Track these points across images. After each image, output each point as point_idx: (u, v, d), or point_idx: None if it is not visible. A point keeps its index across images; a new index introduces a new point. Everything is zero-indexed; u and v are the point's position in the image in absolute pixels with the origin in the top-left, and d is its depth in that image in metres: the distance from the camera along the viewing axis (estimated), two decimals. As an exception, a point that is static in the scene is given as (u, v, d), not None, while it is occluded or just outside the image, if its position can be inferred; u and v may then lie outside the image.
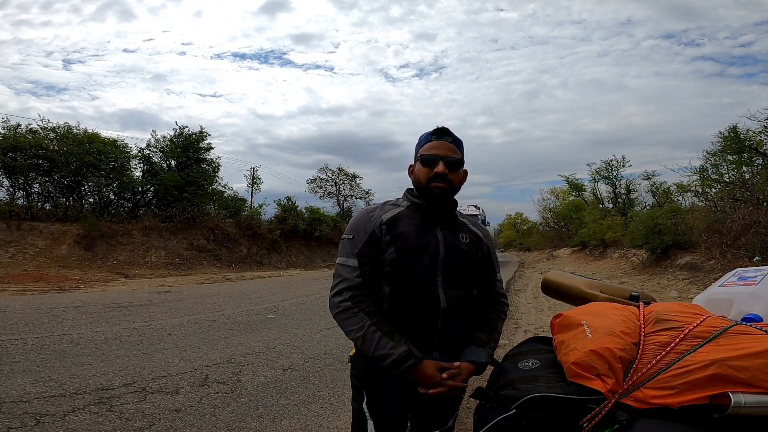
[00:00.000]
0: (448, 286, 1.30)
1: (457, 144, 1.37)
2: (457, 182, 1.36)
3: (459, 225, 1.42)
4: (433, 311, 1.28)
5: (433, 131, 1.37)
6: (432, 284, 1.29)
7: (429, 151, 1.34)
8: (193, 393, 3.30)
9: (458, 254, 1.33)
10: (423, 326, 1.28)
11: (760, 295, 1.28)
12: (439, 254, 1.30)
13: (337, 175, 32.90)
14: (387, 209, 1.38)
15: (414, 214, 1.37)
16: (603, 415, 0.88)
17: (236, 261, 18.22)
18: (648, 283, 10.75)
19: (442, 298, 1.28)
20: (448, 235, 1.35)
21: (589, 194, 27.74)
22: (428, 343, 1.28)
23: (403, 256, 1.29)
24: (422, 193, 1.36)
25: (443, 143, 1.34)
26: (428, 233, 1.33)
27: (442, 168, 1.30)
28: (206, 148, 19.31)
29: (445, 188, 1.32)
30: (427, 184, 1.32)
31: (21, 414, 2.75)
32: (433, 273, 1.29)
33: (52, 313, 6.05)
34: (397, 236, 1.31)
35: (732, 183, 12.26)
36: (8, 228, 13.15)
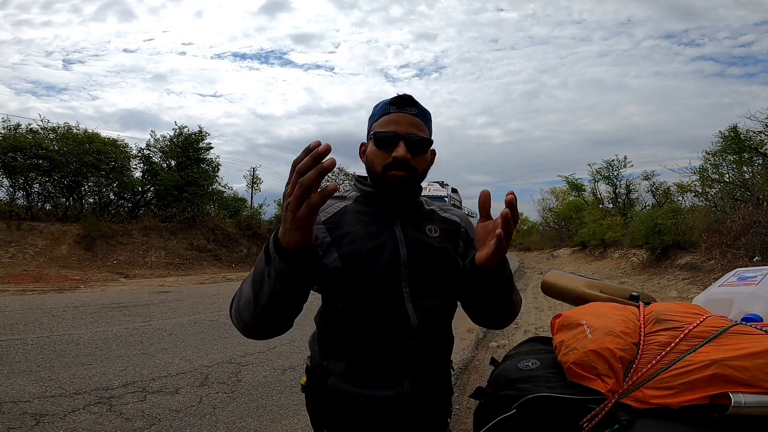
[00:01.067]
0: (419, 297, 1.00)
1: (424, 117, 1.03)
2: (423, 168, 1.03)
3: (425, 215, 1.10)
4: (401, 332, 0.98)
5: (391, 99, 1.03)
6: (395, 297, 0.98)
7: (386, 127, 1.00)
8: (193, 393, 3.30)
9: (427, 253, 1.02)
10: (389, 351, 0.99)
11: (760, 295, 1.27)
12: (399, 257, 0.99)
13: (337, 175, 32.92)
14: (329, 204, 1.05)
15: (364, 208, 1.05)
16: (603, 415, 0.88)
17: (236, 261, 18.23)
18: (648, 283, 10.75)
19: (411, 314, 0.98)
20: (410, 230, 1.04)
21: (589, 194, 27.76)
22: (397, 371, 1.00)
23: (349, 263, 0.97)
24: (376, 182, 1.04)
25: (405, 116, 1.00)
26: (383, 231, 1.02)
27: (403, 151, 0.97)
28: (206, 148, 19.33)
29: (407, 178, 0.99)
30: (383, 173, 1.00)
31: (21, 414, 2.75)
32: (395, 283, 0.99)
33: (52, 313, 6.05)
34: (341, 238, 0.99)
35: (732, 183, 12.27)
36: (8, 228, 13.16)
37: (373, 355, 1.00)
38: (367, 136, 1.07)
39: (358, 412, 1.00)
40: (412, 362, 1.00)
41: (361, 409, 1.00)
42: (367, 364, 1.00)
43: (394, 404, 1.00)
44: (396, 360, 1.00)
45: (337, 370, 1.02)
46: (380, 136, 1.00)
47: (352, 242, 0.99)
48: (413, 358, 1.00)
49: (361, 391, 1.00)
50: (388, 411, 0.99)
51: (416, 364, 1.01)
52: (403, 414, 1.01)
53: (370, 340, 1.00)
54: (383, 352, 0.99)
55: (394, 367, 1.00)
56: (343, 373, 1.01)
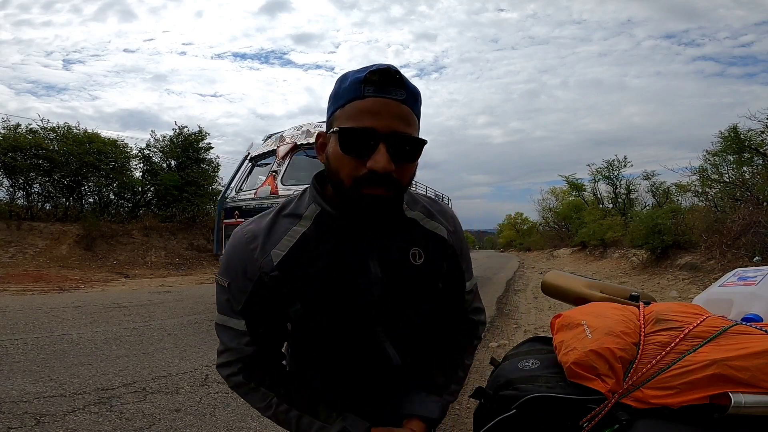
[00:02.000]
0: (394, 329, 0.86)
1: (415, 103, 0.73)
2: (407, 181, 0.76)
3: (407, 232, 0.87)
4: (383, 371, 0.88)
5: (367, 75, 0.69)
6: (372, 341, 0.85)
7: (358, 119, 0.69)
8: (193, 393, 3.30)
9: (405, 289, 0.85)
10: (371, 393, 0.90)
11: (760, 295, 1.27)
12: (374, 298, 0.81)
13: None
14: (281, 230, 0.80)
15: (325, 235, 0.80)
16: (603, 415, 0.88)
17: (236, 261, 18.21)
18: (648, 283, 10.75)
19: (392, 354, 0.86)
20: (388, 260, 0.82)
21: (589, 194, 27.76)
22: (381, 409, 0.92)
23: (313, 314, 0.80)
24: (343, 198, 0.76)
25: (388, 104, 0.69)
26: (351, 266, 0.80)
27: (385, 162, 0.68)
28: (206, 148, 19.33)
29: (389, 197, 0.73)
30: (353, 190, 0.72)
31: (21, 414, 2.75)
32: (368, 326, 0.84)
33: (52, 313, 6.05)
34: (301, 283, 0.78)
35: (732, 183, 12.27)
36: (8, 228, 13.15)
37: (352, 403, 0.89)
38: (328, 124, 0.77)
39: None
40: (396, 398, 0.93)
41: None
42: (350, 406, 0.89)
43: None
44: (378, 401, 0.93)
45: None
46: (351, 135, 0.69)
47: (318, 287, 0.79)
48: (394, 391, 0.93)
49: None
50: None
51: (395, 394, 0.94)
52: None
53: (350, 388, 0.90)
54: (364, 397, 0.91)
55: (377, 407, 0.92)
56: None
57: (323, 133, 0.79)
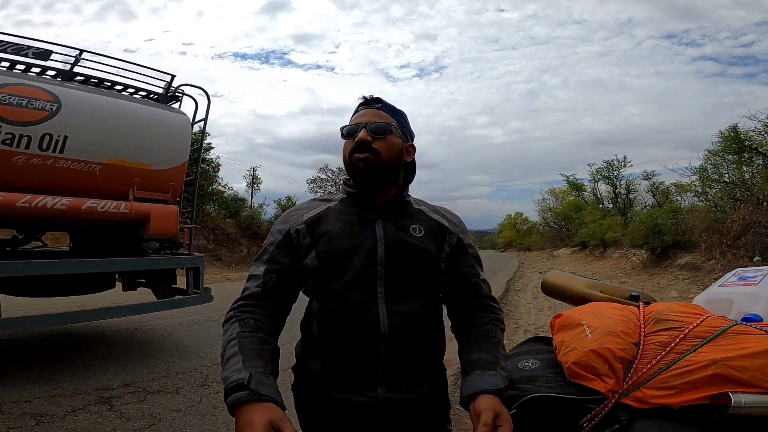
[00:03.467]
0: (394, 300, 0.97)
1: (391, 111, 1.10)
2: (387, 152, 1.03)
3: (411, 214, 1.08)
4: (371, 336, 0.95)
5: (359, 102, 1.12)
6: (369, 299, 0.97)
7: (352, 121, 1.09)
8: (193, 393, 3.30)
9: (406, 253, 1.00)
10: (360, 356, 0.97)
11: (760, 295, 1.27)
12: (376, 256, 0.98)
13: (338, 175, 32.90)
14: (314, 206, 1.09)
15: (346, 208, 1.07)
16: (603, 415, 0.88)
17: (236, 261, 18.23)
18: (648, 283, 10.75)
19: (382, 318, 0.95)
20: (392, 229, 1.02)
21: (589, 194, 27.77)
22: (370, 377, 0.96)
23: (325, 262, 0.99)
24: (348, 171, 1.07)
25: (369, 110, 1.08)
26: (362, 230, 1.02)
27: (364, 134, 1.02)
28: (206, 148, 19.34)
29: (370, 159, 1.01)
30: (349, 159, 1.04)
31: (21, 414, 2.75)
32: (369, 283, 0.97)
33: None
34: (320, 237, 1.01)
35: (732, 183, 12.27)
36: (8, 228, 13.16)
37: (345, 361, 0.98)
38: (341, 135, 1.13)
39: (339, 415, 0.98)
40: (388, 369, 0.96)
41: (340, 412, 0.98)
42: (340, 368, 0.98)
43: (370, 410, 0.96)
44: (369, 366, 0.96)
45: (314, 371, 1.03)
46: (347, 129, 1.07)
47: (330, 241, 1.00)
48: (386, 365, 0.96)
49: (338, 395, 0.98)
50: (366, 416, 0.96)
51: (390, 372, 0.96)
52: (381, 421, 0.97)
53: (341, 345, 0.98)
54: (354, 358, 0.97)
55: (368, 374, 0.97)
56: (319, 375, 1.01)
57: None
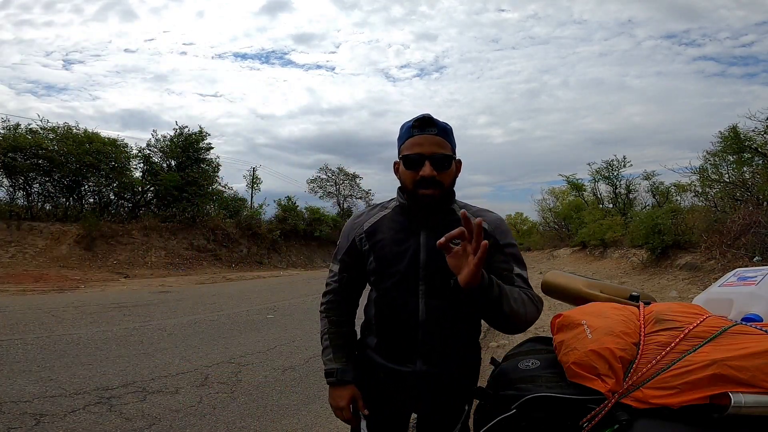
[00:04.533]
0: (431, 296, 1.18)
1: (446, 134, 1.17)
2: (449, 181, 1.19)
3: (454, 221, 1.18)
4: (411, 323, 1.20)
5: (413, 123, 1.17)
6: (412, 294, 1.20)
7: (411, 149, 1.15)
8: (193, 393, 3.30)
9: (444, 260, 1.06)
10: (403, 336, 1.22)
11: (760, 295, 1.27)
12: (419, 261, 1.19)
13: (337, 175, 32.92)
14: (372, 214, 1.30)
15: (398, 217, 1.26)
16: (603, 415, 0.88)
17: (236, 261, 18.22)
18: (648, 283, 10.75)
19: (421, 309, 1.19)
20: (433, 238, 1.11)
21: (590, 194, 27.76)
22: (410, 353, 1.22)
23: (380, 265, 1.23)
24: (410, 198, 1.21)
25: (427, 138, 1.14)
26: (409, 238, 1.21)
27: (429, 170, 1.12)
28: (206, 148, 19.32)
29: (435, 195, 1.15)
30: (413, 190, 1.17)
31: (21, 414, 2.75)
32: (412, 282, 1.19)
33: (52, 313, 6.05)
34: (376, 244, 1.24)
35: (732, 183, 12.27)
36: (8, 228, 13.15)
37: (392, 338, 1.25)
38: (398, 155, 1.23)
39: (384, 380, 1.26)
40: (422, 348, 1.21)
41: (386, 377, 1.26)
42: (389, 344, 1.26)
43: (410, 378, 1.22)
44: (408, 345, 1.22)
45: (371, 345, 1.31)
46: (408, 158, 1.16)
47: (383, 248, 1.23)
48: (422, 345, 1.21)
49: (385, 363, 1.26)
50: (407, 382, 1.23)
51: (425, 350, 1.21)
52: (418, 387, 1.23)
53: (389, 326, 1.25)
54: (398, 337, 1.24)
55: (408, 350, 1.22)
56: (374, 348, 1.29)
57: (397, 161, 1.24)
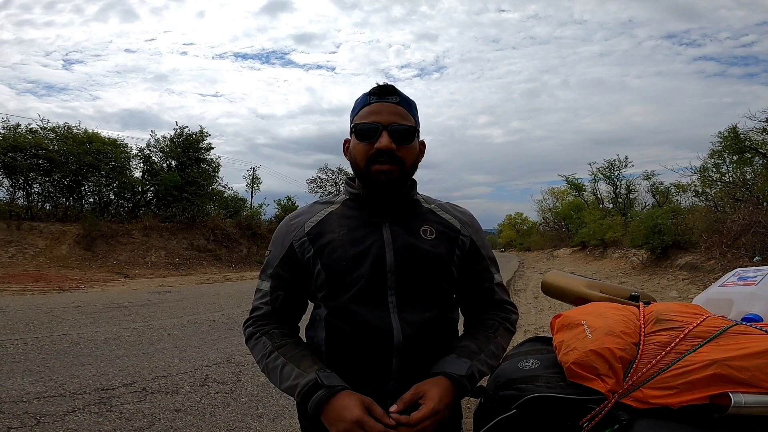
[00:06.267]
0: (406, 309, 0.92)
1: (408, 106, 0.96)
2: (410, 160, 0.95)
3: (420, 214, 1.01)
4: (383, 348, 0.90)
5: (371, 90, 0.97)
6: (379, 308, 0.91)
7: (367, 118, 0.93)
8: (193, 393, 3.30)
9: (417, 258, 0.93)
10: (371, 369, 0.91)
11: (760, 295, 1.27)
12: (385, 263, 0.92)
13: (337, 175, 32.92)
14: (315, 211, 1.01)
15: (350, 212, 0.99)
16: (603, 415, 0.88)
17: (236, 261, 18.22)
18: (648, 283, 10.75)
19: (395, 329, 0.90)
20: (400, 233, 0.95)
21: (590, 194, 27.76)
22: (381, 391, 0.90)
23: (332, 273, 0.93)
24: (362, 179, 0.97)
25: (387, 105, 0.93)
26: (369, 235, 0.94)
27: (387, 141, 0.90)
28: (206, 148, 19.33)
29: (393, 171, 0.92)
30: (366, 167, 0.93)
31: (21, 414, 2.75)
32: (379, 292, 0.91)
33: (52, 313, 6.05)
34: (323, 247, 0.94)
35: (732, 183, 12.27)
36: (8, 228, 13.16)
37: (352, 371, 0.91)
38: (350, 131, 0.99)
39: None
40: (399, 383, 0.90)
41: None
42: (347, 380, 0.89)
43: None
44: (379, 379, 0.91)
45: None
46: (361, 128, 0.93)
47: (334, 250, 0.93)
48: (397, 377, 0.91)
49: None
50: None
51: (401, 384, 0.89)
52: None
53: (350, 357, 0.92)
54: (362, 369, 0.91)
55: (378, 387, 0.91)
56: None
57: (347, 139, 1.02)
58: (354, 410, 0.80)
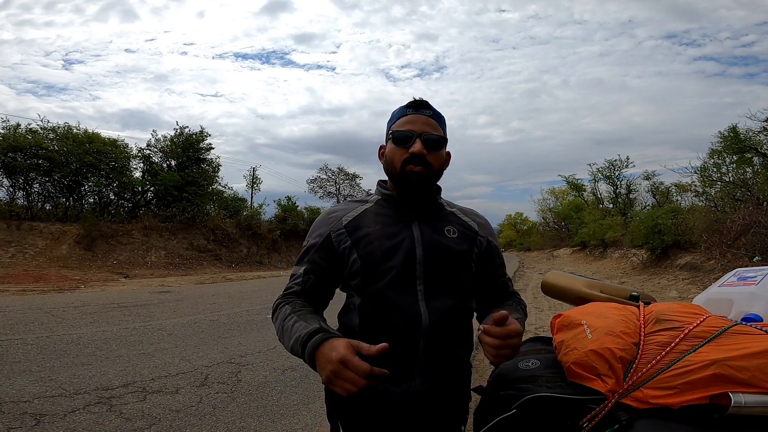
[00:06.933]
0: (432, 297, 1.04)
1: (439, 119, 1.12)
2: (438, 165, 1.09)
3: (444, 216, 1.14)
4: (412, 331, 1.01)
5: (408, 103, 1.11)
6: (410, 295, 1.03)
7: (403, 126, 1.08)
8: (193, 393, 3.30)
9: (443, 253, 1.06)
10: (400, 348, 1.01)
11: (760, 295, 1.27)
12: (415, 256, 1.04)
13: (338, 174, 32.96)
14: (352, 208, 1.14)
15: (383, 210, 1.12)
16: (603, 415, 0.88)
17: (236, 261, 18.23)
18: (648, 283, 10.75)
19: (423, 314, 1.01)
20: (428, 231, 1.09)
21: (590, 194, 27.77)
22: (408, 367, 1.02)
23: (367, 263, 1.04)
24: (396, 180, 1.11)
25: (420, 117, 1.08)
26: (401, 231, 1.07)
27: (420, 147, 1.04)
28: (206, 148, 19.33)
29: (423, 173, 1.06)
30: (401, 169, 1.06)
31: (21, 414, 2.75)
32: (409, 281, 1.03)
33: (52, 313, 6.05)
34: (360, 239, 1.06)
35: (732, 183, 12.27)
36: (8, 228, 13.16)
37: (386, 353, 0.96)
38: (386, 138, 1.14)
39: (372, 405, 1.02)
40: (423, 361, 1.02)
41: (374, 401, 1.02)
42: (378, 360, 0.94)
43: (405, 400, 1.02)
44: (407, 358, 1.02)
45: None
46: (398, 135, 1.08)
47: (370, 243, 1.05)
48: (424, 357, 1.02)
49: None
50: (400, 406, 1.02)
51: (427, 364, 1.02)
52: (413, 410, 1.02)
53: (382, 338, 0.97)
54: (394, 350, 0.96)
55: (406, 364, 1.02)
56: None
57: (383, 145, 1.15)
58: (340, 350, 0.84)
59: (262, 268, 18.04)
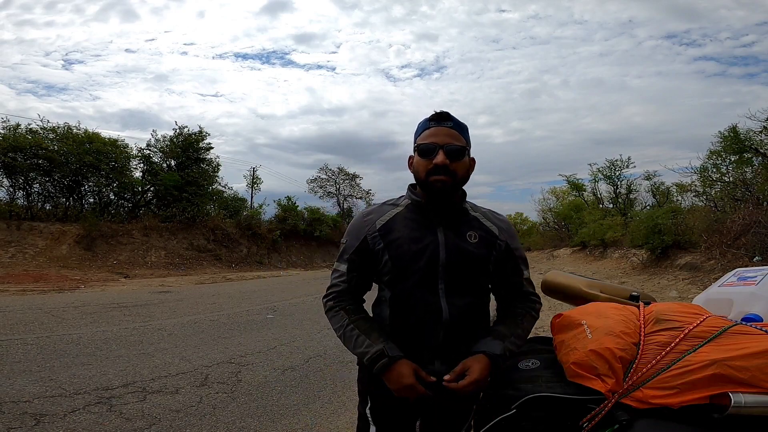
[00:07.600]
0: (452, 295, 1.18)
1: (461, 129, 1.22)
2: (462, 173, 1.20)
3: (468, 221, 1.26)
4: (434, 323, 1.18)
5: (431, 117, 1.23)
6: (432, 293, 1.18)
7: (426, 139, 1.19)
8: (193, 393, 3.30)
9: (463, 257, 1.19)
10: (423, 337, 1.19)
11: (760, 295, 1.27)
12: (438, 258, 1.18)
13: (338, 174, 32.97)
14: (384, 211, 1.27)
15: (412, 215, 1.25)
16: (603, 415, 0.88)
17: (236, 261, 18.23)
18: (648, 283, 10.74)
19: (444, 309, 1.17)
20: (451, 235, 1.21)
21: (590, 194, 27.76)
22: (430, 353, 1.20)
23: (397, 264, 1.19)
24: (423, 188, 1.23)
25: (442, 129, 1.19)
26: (427, 235, 1.20)
27: (442, 158, 1.15)
28: (206, 148, 19.33)
29: (447, 182, 1.16)
30: (426, 178, 1.18)
31: (21, 414, 2.75)
32: (432, 280, 1.18)
33: (52, 313, 6.05)
34: (391, 242, 1.20)
35: (732, 183, 12.26)
36: (8, 228, 13.15)
37: (410, 340, 1.19)
38: (413, 149, 1.25)
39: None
40: (443, 348, 1.18)
41: None
42: (406, 346, 1.18)
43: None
44: (429, 345, 1.19)
45: None
46: (422, 147, 1.19)
47: (400, 246, 1.20)
48: (443, 345, 1.18)
49: None
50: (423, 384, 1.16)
51: (446, 350, 1.18)
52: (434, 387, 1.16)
53: (409, 328, 1.20)
54: (418, 338, 1.19)
55: (427, 351, 1.19)
56: None
57: (411, 155, 1.26)
58: (408, 378, 1.12)
59: (262, 268, 18.04)
